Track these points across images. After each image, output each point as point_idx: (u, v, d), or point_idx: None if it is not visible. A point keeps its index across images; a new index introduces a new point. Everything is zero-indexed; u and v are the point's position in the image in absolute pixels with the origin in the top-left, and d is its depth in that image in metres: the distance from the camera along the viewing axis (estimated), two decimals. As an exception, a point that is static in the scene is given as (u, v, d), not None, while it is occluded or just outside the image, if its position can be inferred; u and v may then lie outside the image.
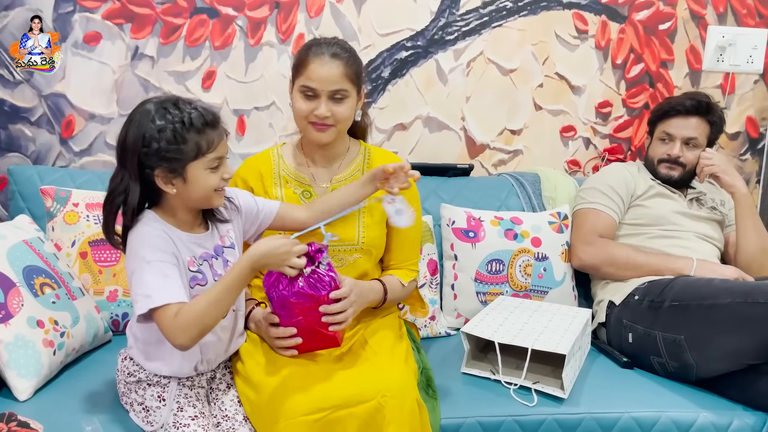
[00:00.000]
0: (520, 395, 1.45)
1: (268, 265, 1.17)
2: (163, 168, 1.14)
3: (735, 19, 2.26)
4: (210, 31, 2.02)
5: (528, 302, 1.78)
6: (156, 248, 1.15)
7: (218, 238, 1.28)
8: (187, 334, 1.11)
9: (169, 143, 1.13)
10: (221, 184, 1.20)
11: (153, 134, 1.13)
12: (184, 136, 1.13)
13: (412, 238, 1.58)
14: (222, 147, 1.19)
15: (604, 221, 1.88)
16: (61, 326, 1.41)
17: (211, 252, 1.26)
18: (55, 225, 1.66)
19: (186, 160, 1.14)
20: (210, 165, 1.17)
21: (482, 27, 2.16)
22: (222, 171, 1.19)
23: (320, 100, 1.40)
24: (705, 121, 1.92)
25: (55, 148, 2.00)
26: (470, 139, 2.22)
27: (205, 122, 1.16)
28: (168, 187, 1.16)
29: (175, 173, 1.15)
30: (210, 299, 1.13)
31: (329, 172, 1.52)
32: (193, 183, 1.17)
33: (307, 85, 1.40)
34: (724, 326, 1.49)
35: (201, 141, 1.14)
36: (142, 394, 1.24)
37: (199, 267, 1.22)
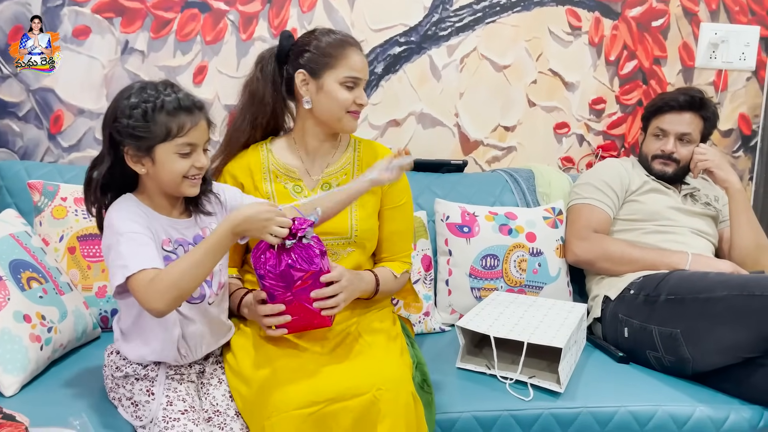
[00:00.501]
0: (516, 390, 1.44)
1: (249, 231, 1.14)
2: (131, 146, 1.15)
3: (728, 16, 2.27)
4: (201, 26, 2.00)
5: (523, 297, 1.77)
6: (130, 221, 1.15)
7: (200, 228, 1.27)
8: (164, 297, 1.09)
9: (137, 121, 1.13)
10: (192, 172, 1.18)
11: (124, 110, 1.14)
12: (154, 117, 1.13)
13: (405, 230, 1.56)
14: (195, 134, 1.17)
15: (598, 216, 1.87)
16: (49, 321, 1.38)
17: (189, 240, 1.24)
18: (43, 220, 1.63)
19: (154, 140, 1.14)
20: (179, 150, 1.16)
21: (476, 23, 2.15)
22: (194, 159, 1.18)
23: (360, 88, 1.42)
24: (698, 117, 1.91)
25: (43, 143, 1.97)
26: (464, 136, 2.21)
27: (179, 106, 1.15)
28: (137, 166, 1.17)
29: (144, 152, 1.15)
30: (189, 262, 1.11)
31: (320, 165, 1.50)
32: (161, 166, 1.16)
33: (352, 76, 1.41)
34: (720, 319, 1.48)
35: (171, 124, 1.14)
36: (130, 389, 1.22)
37: (174, 249, 1.21)
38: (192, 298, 1.22)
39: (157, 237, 1.19)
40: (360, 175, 1.48)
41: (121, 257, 1.12)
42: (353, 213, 1.47)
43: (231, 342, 1.35)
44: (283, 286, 1.24)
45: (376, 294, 1.46)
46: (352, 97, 1.41)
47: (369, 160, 1.51)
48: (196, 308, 1.24)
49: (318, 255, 1.24)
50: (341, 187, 1.38)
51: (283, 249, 1.21)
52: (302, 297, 1.24)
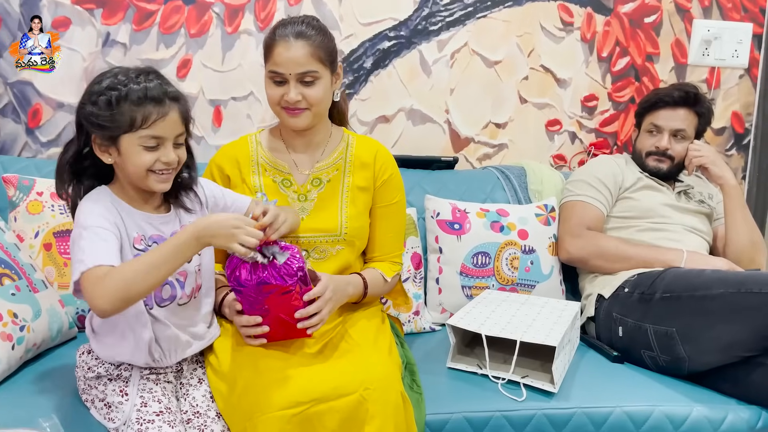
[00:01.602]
0: (509, 390, 1.39)
1: (215, 237, 1.06)
2: (98, 134, 1.11)
3: (720, 12, 2.25)
4: (185, 18, 1.94)
5: (515, 296, 1.72)
6: (97, 215, 1.10)
7: (178, 225, 1.22)
8: (110, 297, 1.02)
9: (101, 109, 1.09)
10: (158, 167, 1.12)
11: (92, 96, 1.10)
12: (119, 105, 1.08)
13: (396, 230, 1.52)
14: (162, 127, 1.11)
15: (592, 213, 1.84)
16: (21, 320, 1.32)
17: (166, 236, 1.18)
18: (18, 215, 1.57)
19: (119, 130, 1.09)
20: (144, 143, 1.10)
21: (466, 18, 2.11)
22: (161, 153, 1.12)
23: (289, 84, 1.33)
24: (693, 113, 1.89)
25: (21, 138, 1.91)
26: (454, 133, 2.17)
27: (146, 96, 1.09)
28: (104, 155, 1.13)
29: (110, 142, 1.11)
30: (144, 263, 1.04)
31: (311, 160, 1.45)
32: (126, 157, 1.11)
33: (274, 71, 1.33)
34: (717, 317, 1.45)
35: (136, 114, 1.09)
36: (103, 389, 1.16)
37: (146, 246, 1.15)
38: (161, 299, 1.18)
39: (128, 234, 1.14)
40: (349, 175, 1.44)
41: (81, 251, 1.06)
42: (343, 210, 1.43)
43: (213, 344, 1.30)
44: (257, 300, 1.19)
45: (363, 298, 1.42)
46: (280, 93, 1.34)
47: (361, 155, 1.46)
48: (167, 310, 1.19)
49: (294, 272, 1.18)
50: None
51: (256, 264, 1.16)
52: (279, 310, 1.20)
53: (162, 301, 1.18)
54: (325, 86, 1.36)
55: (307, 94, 1.34)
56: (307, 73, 1.33)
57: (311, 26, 1.35)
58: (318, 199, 1.43)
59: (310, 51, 1.32)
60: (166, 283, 1.17)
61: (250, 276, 1.16)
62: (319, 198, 1.43)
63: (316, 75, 1.34)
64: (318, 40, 1.34)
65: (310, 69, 1.32)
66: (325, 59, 1.34)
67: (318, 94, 1.35)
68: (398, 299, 1.58)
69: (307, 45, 1.32)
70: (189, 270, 1.20)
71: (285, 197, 1.42)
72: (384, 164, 1.48)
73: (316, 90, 1.34)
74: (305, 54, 1.32)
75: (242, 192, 1.41)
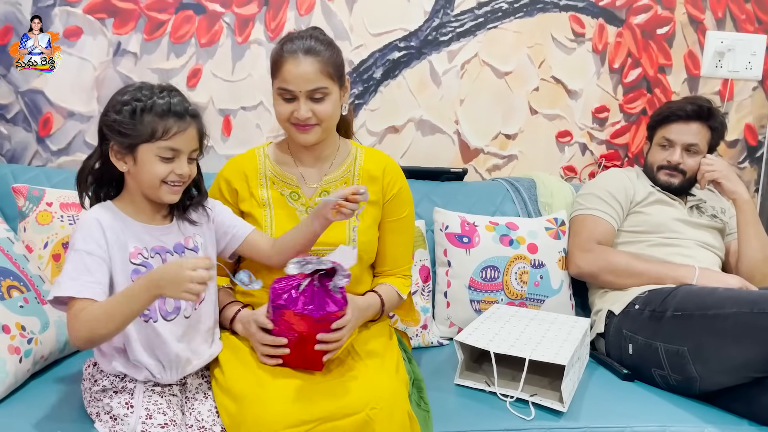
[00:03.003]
0: (517, 408, 1.38)
1: (164, 289, 1.05)
2: (117, 141, 1.14)
3: (734, 24, 2.23)
4: (196, 28, 1.95)
5: (524, 311, 1.71)
6: (88, 237, 1.13)
7: (182, 237, 1.24)
8: (79, 336, 1.08)
9: (124, 117, 1.13)
10: (171, 178, 1.16)
11: (116, 106, 1.15)
12: (142, 116, 1.13)
13: (406, 243, 1.51)
14: (180, 140, 1.15)
15: (602, 228, 1.82)
16: (29, 332, 1.32)
17: (168, 247, 1.21)
18: (27, 225, 1.57)
19: (139, 139, 1.13)
20: (162, 153, 1.14)
21: (477, 28, 2.10)
22: (176, 165, 1.16)
23: (299, 101, 1.32)
24: (706, 127, 1.86)
25: (32, 146, 1.92)
26: (464, 143, 2.16)
27: (169, 110, 1.14)
28: (120, 163, 1.16)
29: (128, 150, 1.14)
30: (102, 310, 1.08)
31: (319, 173, 1.45)
32: (142, 166, 1.15)
33: (283, 88, 1.32)
34: (729, 337, 1.43)
35: (157, 126, 1.13)
36: (108, 402, 1.16)
37: (145, 260, 1.17)
38: (166, 312, 1.19)
39: (124, 250, 1.16)
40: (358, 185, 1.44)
41: (65, 273, 1.10)
42: (352, 224, 1.42)
43: (219, 356, 1.29)
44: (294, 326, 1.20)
45: (381, 314, 1.42)
46: (289, 110, 1.34)
47: (370, 169, 1.45)
48: (173, 324, 1.19)
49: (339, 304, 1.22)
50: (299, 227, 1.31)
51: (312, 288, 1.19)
52: (308, 340, 1.20)
53: (167, 314, 1.19)
54: (334, 101, 1.35)
55: (317, 111, 1.33)
56: (317, 90, 1.32)
57: (319, 41, 1.34)
58: None
59: (320, 67, 1.31)
60: None
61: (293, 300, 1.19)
62: None
63: (326, 91, 1.33)
64: (327, 55, 1.33)
65: (320, 86, 1.32)
66: (334, 75, 1.34)
67: (328, 110, 1.34)
68: (406, 313, 1.57)
69: (316, 61, 1.31)
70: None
71: (293, 210, 1.42)
72: (393, 178, 1.47)
73: (325, 106, 1.34)
74: (315, 71, 1.31)
75: (250, 205, 1.41)
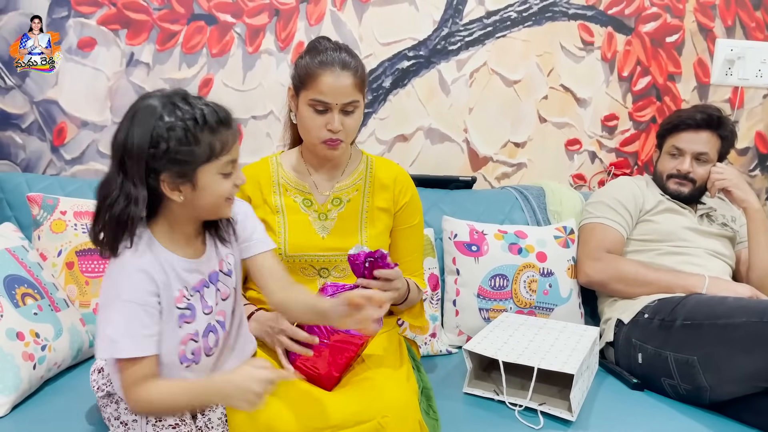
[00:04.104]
0: (526, 417, 1.38)
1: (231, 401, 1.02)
2: (171, 172, 0.99)
3: (744, 32, 2.22)
4: (207, 38, 1.97)
5: (533, 319, 1.71)
6: (136, 288, 1.01)
7: (216, 262, 1.14)
8: (136, 408, 1.05)
9: (179, 143, 0.97)
10: (233, 192, 1.07)
11: (162, 133, 0.97)
12: (196, 136, 0.98)
13: (418, 250, 1.52)
14: (236, 149, 1.05)
15: (611, 236, 1.82)
16: (43, 339, 1.34)
17: (206, 279, 1.11)
18: (41, 233, 1.59)
19: (198, 163, 1.00)
20: (223, 170, 1.03)
21: (486, 37, 2.11)
22: (234, 177, 1.06)
23: (332, 113, 1.33)
24: (716, 136, 1.86)
25: (46, 155, 1.95)
26: (473, 152, 2.17)
27: (219, 120, 1.01)
28: (175, 194, 1.02)
29: (185, 178, 1.00)
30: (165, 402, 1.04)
31: (331, 181, 1.46)
32: (203, 190, 1.02)
33: (319, 99, 1.32)
34: (739, 347, 1.42)
35: (215, 141, 1.00)
36: (116, 407, 1.17)
37: (188, 302, 1.07)
38: (209, 348, 1.12)
39: (170, 294, 1.05)
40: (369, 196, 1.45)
41: (112, 325, 1.00)
42: (363, 231, 1.43)
43: None
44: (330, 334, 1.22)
45: (403, 302, 1.41)
46: (322, 122, 1.34)
47: (381, 177, 1.47)
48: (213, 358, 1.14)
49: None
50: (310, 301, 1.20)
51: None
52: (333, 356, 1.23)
53: (209, 350, 1.13)
54: (360, 114, 1.38)
55: (347, 124, 1.35)
56: (351, 103, 1.33)
57: (350, 54, 1.35)
58: (338, 218, 1.44)
59: (354, 81, 1.32)
60: (210, 330, 1.12)
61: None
62: (340, 217, 1.44)
63: (357, 104, 1.35)
64: (359, 70, 1.35)
65: (354, 99, 1.33)
66: (362, 88, 1.36)
67: (355, 123, 1.37)
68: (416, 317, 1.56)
69: (351, 75, 1.32)
70: (226, 310, 1.17)
71: (306, 216, 1.43)
72: (404, 187, 1.49)
73: (354, 118, 1.36)
74: (350, 84, 1.32)
75: (263, 212, 1.42)
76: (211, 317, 1.11)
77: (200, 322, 1.09)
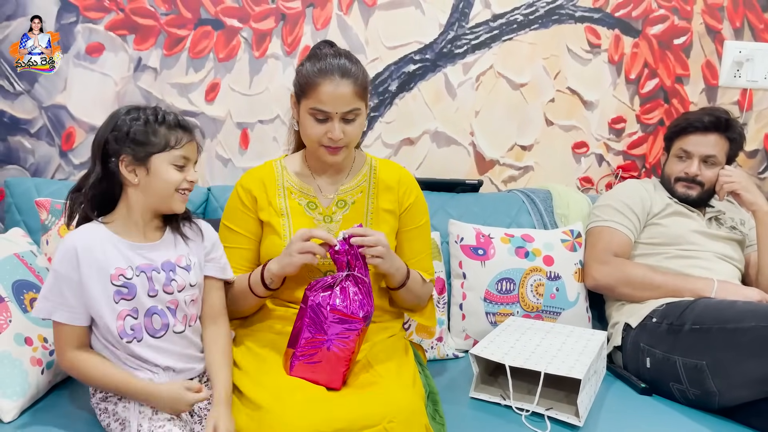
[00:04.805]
0: (533, 422, 1.37)
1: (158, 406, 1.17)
2: (128, 154, 1.16)
3: (752, 34, 2.21)
4: (214, 43, 1.98)
5: (540, 323, 1.70)
6: (62, 260, 1.15)
7: (174, 255, 1.24)
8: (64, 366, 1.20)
9: (138, 130, 1.16)
10: (184, 185, 1.21)
11: (125, 121, 1.17)
12: (154, 128, 1.17)
13: (426, 250, 1.52)
14: (191, 150, 1.21)
15: (619, 240, 1.81)
16: (51, 344, 1.34)
17: (155, 264, 1.21)
18: (50, 238, 1.60)
19: (153, 149, 1.16)
20: (175, 161, 1.18)
21: (492, 40, 2.11)
22: (187, 173, 1.21)
23: (333, 122, 1.33)
24: (724, 138, 1.84)
25: (55, 160, 1.96)
26: (479, 155, 2.17)
27: (178, 122, 1.20)
28: (131, 175, 1.17)
29: (140, 161, 1.16)
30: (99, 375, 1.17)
31: (335, 184, 1.47)
32: (156, 176, 1.18)
33: (318, 108, 1.32)
34: (748, 351, 1.41)
35: (170, 136, 1.17)
36: (114, 408, 1.19)
37: (127, 281, 1.17)
38: (154, 330, 1.20)
39: (105, 270, 1.16)
40: (374, 197, 1.45)
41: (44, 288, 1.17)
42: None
43: (236, 361, 1.31)
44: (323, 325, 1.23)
45: (404, 284, 1.40)
46: (322, 130, 1.34)
47: (385, 179, 1.47)
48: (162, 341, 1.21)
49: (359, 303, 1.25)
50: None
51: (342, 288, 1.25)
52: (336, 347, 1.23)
53: (156, 332, 1.20)
54: (362, 120, 1.38)
55: (348, 131, 1.34)
56: (351, 111, 1.33)
57: (351, 61, 1.35)
58: (343, 220, 1.44)
59: (354, 89, 1.32)
60: (155, 313, 1.20)
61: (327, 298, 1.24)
62: (344, 219, 1.44)
63: (358, 112, 1.35)
64: (360, 77, 1.34)
65: (355, 107, 1.33)
66: (364, 95, 1.35)
67: (358, 130, 1.37)
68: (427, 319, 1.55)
69: (351, 83, 1.31)
70: (180, 300, 1.23)
71: (311, 219, 1.43)
72: (408, 188, 1.49)
73: (355, 126, 1.36)
74: (351, 92, 1.31)
75: (268, 214, 1.42)
76: (157, 300, 1.20)
77: (141, 301, 1.18)
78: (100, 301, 1.15)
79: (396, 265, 1.36)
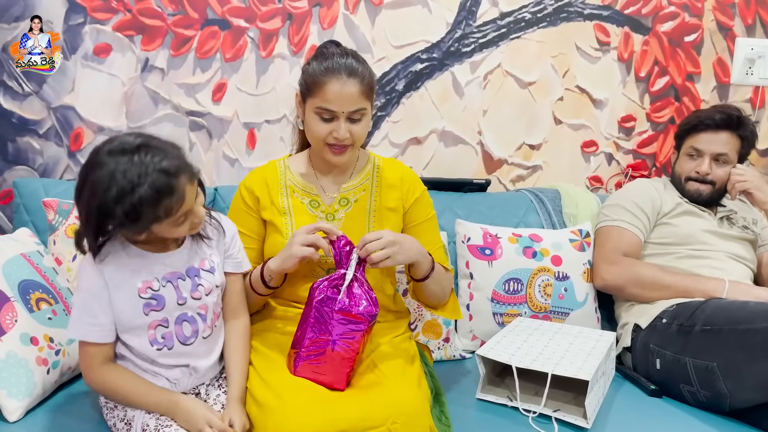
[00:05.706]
0: (540, 424, 1.36)
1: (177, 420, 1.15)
2: (126, 229, 1.09)
3: (764, 30, 2.18)
4: (221, 43, 1.98)
5: (548, 324, 1.68)
6: (92, 280, 1.14)
7: (197, 259, 1.22)
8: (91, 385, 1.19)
9: (125, 216, 1.03)
10: (191, 231, 1.17)
11: (110, 206, 1.03)
12: (138, 212, 1.03)
13: (437, 243, 1.50)
14: (185, 204, 1.09)
15: (628, 239, 1.79)
16: (57, 344, 1.35)
17: (180, 272, 1.19)
18: (57, 238, 1.61)
19: (147, 225, 1.07)
20: (175, 224, 1.11)
21: (500, 39, 2.10)
22: (189, 222, 1.13)
23: (339, 121, 1.32)
24: (736, 136, 1.82)
25: (63, 161, 1.97)
26: (487, 154, 2.15)
27: (158, 193, 1.03)
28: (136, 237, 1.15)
29: (140, 234, 1.11)
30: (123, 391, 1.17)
31: (338, 182, 1.46)
32: (161, 233, 1.14)
33: (324, 108, 1.32)
34: (760, 352, 1.38)
35: (158, 211, 1.05)
36: (120, 408, 1.19)
37: (154, 293, 1.16)
38: (185, 337, 1.20)
39: (132, 285, 1.14)
40: (377, 195, 1.44)
41: (75, 310, 1.16)
42: (371, 229, 1.42)
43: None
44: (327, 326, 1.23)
45: (430, 274, 1.38)
46: (328, 129, 1.34)
47: (388, 177, 1.46)
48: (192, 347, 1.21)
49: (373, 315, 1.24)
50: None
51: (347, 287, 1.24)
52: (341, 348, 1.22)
53: (186, 339, 1.20)
54: (368, 120, 1.37)
55: (354, 131, 1.34)
56: (357, 111, 1.33)
57: (358, 60, 1.34)
58: (346, 218, 1.43)
59: (361, 89, 1.32)
60: (185, 320, 1.19)
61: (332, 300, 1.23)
62: (347, 217, 1.43)
63: (364, 112, 1.34)
64: (367, 76, 1.33)
65: (361, 107, 1.33)
66: (370, 95, 1.35)
67: (364, 129, 1.36)
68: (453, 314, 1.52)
69: (358, 83, 1.31)
70: (209, 303, 1.22)
71: (313, 217, 1.43)
72: (412, 185, 1.48)
73: (361, 126, 1.35)
74: (357, 92, 1.31)
75: (271, 213, 1.42)
76: (186, 308, 1.19)
77: (171, 310, 1.17)
78: (129, 315, 1.15)
79: (414, 250, 1.32)
